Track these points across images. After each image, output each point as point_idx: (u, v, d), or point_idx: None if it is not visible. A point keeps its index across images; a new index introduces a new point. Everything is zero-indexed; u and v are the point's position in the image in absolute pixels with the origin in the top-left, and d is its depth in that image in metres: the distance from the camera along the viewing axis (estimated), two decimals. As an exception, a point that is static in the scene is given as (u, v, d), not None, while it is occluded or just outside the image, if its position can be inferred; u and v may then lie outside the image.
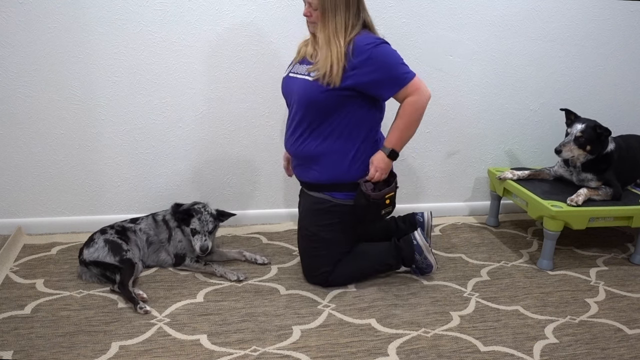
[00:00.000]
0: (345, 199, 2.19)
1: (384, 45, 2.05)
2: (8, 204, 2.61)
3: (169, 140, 2.67)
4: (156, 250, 2.38)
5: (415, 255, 2.32)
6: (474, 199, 3.18)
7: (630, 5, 2.96)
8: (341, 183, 2.18)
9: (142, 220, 2.41)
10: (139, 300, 2.08)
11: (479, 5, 2.79)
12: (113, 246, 2.23)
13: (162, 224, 2.39)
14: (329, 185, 2.20)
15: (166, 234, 2.37)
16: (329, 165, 2.17)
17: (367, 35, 2.06)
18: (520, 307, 2.21)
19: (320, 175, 2.19)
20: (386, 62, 2.04)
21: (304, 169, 2.25)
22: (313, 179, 2.22)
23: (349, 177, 2.17)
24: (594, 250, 2.76)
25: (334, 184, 2.19)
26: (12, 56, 2.40)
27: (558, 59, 2.98)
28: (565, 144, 2.59)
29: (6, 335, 1.88)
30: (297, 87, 2.15)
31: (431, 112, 2.89)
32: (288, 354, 1.85)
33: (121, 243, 2.26)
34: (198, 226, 2.30)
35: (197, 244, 2.29)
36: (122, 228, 2.35)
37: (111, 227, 2.35)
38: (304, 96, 2.11)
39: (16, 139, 2.52)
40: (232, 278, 2.30)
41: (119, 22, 2.45)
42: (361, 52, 2.01)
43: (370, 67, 2.02)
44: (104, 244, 2.23)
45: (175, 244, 2.36)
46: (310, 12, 2.06)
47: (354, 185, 2.17)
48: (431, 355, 1.88)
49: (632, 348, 1.98)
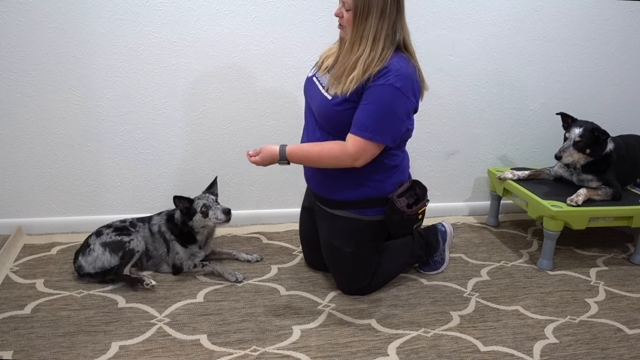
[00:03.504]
0: (376, 215, 2.10)
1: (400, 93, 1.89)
2: (8, 204, 2.61)
3: (169, 140, 2.67)
4: (156, 264, 2.34)
5: (440, 243, 2.39)
6: (474, 199, 3.18)
7: (630, 5, 2.96)
8: (372, 199, 2.09)
9: (139, 228, 2.32)
10: (142, 277, 2.16)
11: (479, 5, 2.79)
12: (113, 246, 2.20)
13: (159, 236, 2.32)
14: (357, 202, 2.09)
15: (164, 247, 2.33)
16: (359, 182, 2.06)
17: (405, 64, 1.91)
18: (520, 307, 2.21)
19: (351, 193, 2.07)
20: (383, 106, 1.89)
21: (327, 185, 2.13)
22: (342, 197, 2.09)
23: (381, 192, 2.08)
24: (594, 250, 2.76)
25: (363, 200, 2.09)
26: (12, 56, 2.40)
27: (558, 59, 2.99)
28: (565, 149, 2.58)
29: (6, 335, 1.88)
30: (317, 101, 2.05)
31: (431, 112, 2.91)
32: (288, 354, 1.85)
33: (121, 237, 2.21)
34: (205, 201, 2.25)
35: (216, 213, 2.22)
36: (121, 227, 2.30)
37: (108, 227, 2.29)
38: (324, 114, 2.02)
39: (16, 139, 2.52)
40: (230, 279, 2.29)
41: (119, 22, 2.45)
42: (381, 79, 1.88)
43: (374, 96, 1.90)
44: (103, 249, 2.19)
45: (173, 256, 2.32)
46: (342, 12, 1.93)
47: (385, 200, 2.07)
48: (431, 355, 1.88)
49: (632, 348, 1.98)
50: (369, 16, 1.89)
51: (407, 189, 2.09)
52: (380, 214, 2.10)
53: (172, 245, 2.32)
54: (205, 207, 2.24)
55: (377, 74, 1.89)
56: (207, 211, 2.24)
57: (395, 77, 1.88)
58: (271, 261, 2.51)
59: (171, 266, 2.33)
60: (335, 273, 2.28)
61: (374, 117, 1.90)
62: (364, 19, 1.89)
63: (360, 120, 1.92)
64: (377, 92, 1.89)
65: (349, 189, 2.08)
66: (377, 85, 1.89)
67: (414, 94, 1.95)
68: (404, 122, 1.97)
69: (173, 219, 2.34)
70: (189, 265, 2.32)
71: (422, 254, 2.40)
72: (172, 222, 2.34)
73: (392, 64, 1.90)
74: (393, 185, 2.10)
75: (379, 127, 1.91)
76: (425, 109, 2.90)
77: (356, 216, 2.11)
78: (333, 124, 2.01)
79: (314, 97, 2.09)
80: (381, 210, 2.09)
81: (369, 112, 1.91)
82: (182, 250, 2.32)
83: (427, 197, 2.11)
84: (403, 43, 1.97)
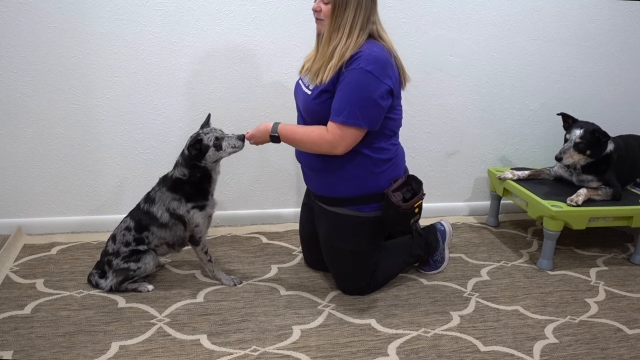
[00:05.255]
0: (372, 211, 2.11)
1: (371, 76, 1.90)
2: (8, 204, 2.61)
3: (169, 140, 2.67)
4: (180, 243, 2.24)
5: (439, 243, 2.39)
6: (474, 199, 3.18)
7: (630, 5, 2.96)
8: (368, 195, 2.09)
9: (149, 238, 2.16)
10: (139, 288, 2.17)
11: (479, 5, 2.79)
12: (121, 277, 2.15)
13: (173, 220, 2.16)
14: (354, 199, 2.09)
15: (181, 226, 2.17)
16: (352, 178, 2.07)
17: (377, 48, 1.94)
18: (520, 307, 2.21)
19: (346, 189, 2.08)
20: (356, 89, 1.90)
21: (323, 183, 2.14)
22: (339, 193, 2.10)
23: (376, 188, 2.08)
24: (594, 250, 2.76)
25: (360, 197, 2.09)
26: (12, 56, 2.40)
27: (558, 59, 2.99)
28: (565, 150, 2.58)
29: (6, 335, 1.88)
30: (301, 100, 2.10)
31: (431, 112, 2.91)
32: (288, 354, 1.85)
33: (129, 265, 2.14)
34: (215, 134, 2.10)
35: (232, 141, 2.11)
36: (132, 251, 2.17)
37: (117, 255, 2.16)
38: (306, 110, 2.06)
39: (16, 139, 2.52)
40: (229, 284, 2.27)
41: (119, 22, 2.45)
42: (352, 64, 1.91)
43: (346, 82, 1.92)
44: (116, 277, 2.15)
45: (191, 229, 2.18)
46: (320, 6, 1.97)
47: (381, 196, 2.08)
48: (431, 355, 1.88)
49: (632, 348, 1.98)
50: (347, 7, 1.93)
51: (402, 184, 2.09)
52: (377, 210, 2.10)
53: (189, 217, 2.15)
54: (217, 139, 2.10)
55: (350, 60, 1.92)
56: (220, 143, 2.11)
57: (365, 61, 1.90)
58: (271, 261, 2.51)
59: (188, 238, 2.21)
60: (335, 272, 2.28)
61: (347, 100, 1.92)
62: (342, 10, 1.94)
63: (335, 106, 1.94)
64: (349, 77, 1.91)
65: (344, 185, 2.09)
66: (349, 70, 1.91)
67: (389, 77, 1.95)
68: (380, 106, 1.95)
69: (180, 182, 2.15)
70: (204, 243, 2.21)
71: (422, 254, 2.40)
72: (179, 185, 2.16)
73: (364, 49, 1.93)
74: (388, 180, 2.10)
75: (353, 110, 1.91)
76: (425, 108, 2.92)
77: (354, 213, 2.11)
78: (317, 119, 2.03)
79: (299, 97, 2.14)
80: (378, 206, 2.09)
81: (342, 97, 1.93)
82: (201, 217, 2.17)
83: (423, 191, 2.12)
84: (377, 34, 2.01)
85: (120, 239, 2.17)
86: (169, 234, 2.18)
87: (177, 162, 2.19)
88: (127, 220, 2.21)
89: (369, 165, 2.07)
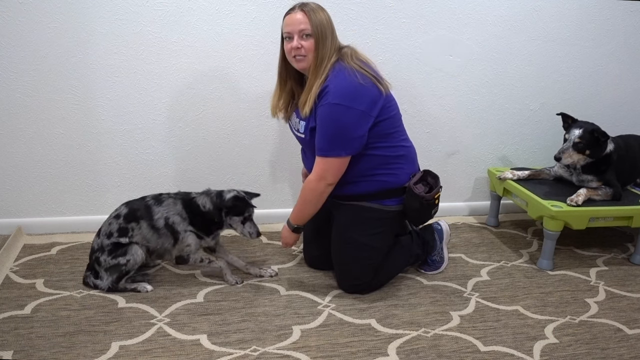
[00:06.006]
0: (395, 205, 2.19)
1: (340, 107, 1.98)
2: (8, 204, 2.61)
3: (169, 140, 2.67)
4: (160, 255, 2.25)
5: (437, 242, 2.42)
6: (474, 199, 3.18)
7: (630, 5, 2.96)
8: (390, 190, 2.18)
9: (134, 231, 2.15)
10: (138, 288, 2.17)
11: (479, 5, 2.79)
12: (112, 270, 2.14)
13: (165, 230, 2.17)
14: (376, 194, 2.17)
15: (171, 240, 2.19)
16: (372, 176, 2.15)
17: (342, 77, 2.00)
18: (520, 307, 2.21)
19: (370, 185, 2.16)
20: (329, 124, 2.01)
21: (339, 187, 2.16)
22: (361, 190, 2.17)
23: (396, 183, 2.18)
24: (594, 250, 2.76)
25: (381, 191, 2.17)
26: (12, 56, 2.40)
27: (558, 59, 2.99)
28: (564, 150, 2.58)
29: (6, 335, 1.88)
30: (300, 141, 2.24)
31: (431, 112, 2.91)
32: (288, 354, 1.85)
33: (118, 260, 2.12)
34: (250, 213, 2.23)
35: (252, 230, 2.22)
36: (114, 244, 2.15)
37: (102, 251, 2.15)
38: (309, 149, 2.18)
39: (16, 139, 2.52)
40: (231, 282, 2.27)
41: (119, 22, 2.45)
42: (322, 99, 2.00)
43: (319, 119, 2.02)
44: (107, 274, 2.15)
45: (181, 247, 2.20)
46: (301, 43, 2.00)
47: (402, 190, 2.18)
48: (431, 355, 1.88)
49: (632, 348, 1.98)
50: (327, 36, 2.02)
51: (420, 178, 2.20)
52: (398, 204, 2.19)
53: (183, 237, 2.19)
54: (249, 216, 2.23)
55: (319, 95, 2.02)
56: (247, 221, 2.23)
57: (332, 96, 1.98)
58: (271, 261, 2.51)
59: (174, 257, 2.23)
60: (341, 267, 2.27)
61: (323, 135, 2.03)
62: (324, 41, 2.01)
63: (316, 143, 2.06)
64: (320, 113, 2.02)
65: (363, 185, 2.16)
66: (320, 107, 2.01)
67: (358, 101, 2.00)
68: (355, 132, 2.03)
69: (194, 207, 2.19)
70: (195, 259, 2.23)
71: (420, 253, 2.41)
72: (193, 210, 2.19)
73: (330, 82, 2.00)
74: (407, 175, 2.20)
75: (330, 144, 2.03)
76: (425, 108, 2.92)
77: (377, 206, 2.18)
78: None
79: (296, 138, 2.27)
80: (399, 200, 2.19)
81: (319, 133, 2.04)
82: (195, 242, 2.21)
83: (440, 184, 2.23)
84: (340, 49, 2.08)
85: (104, 230, 2.17)
86: (155, 238, 2.18)
87: (206, 192, 2.24)
88: (121, 208, 2.20)
89: (387, 163, 2.15)
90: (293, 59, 2.06)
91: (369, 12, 2.66)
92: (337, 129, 2.01)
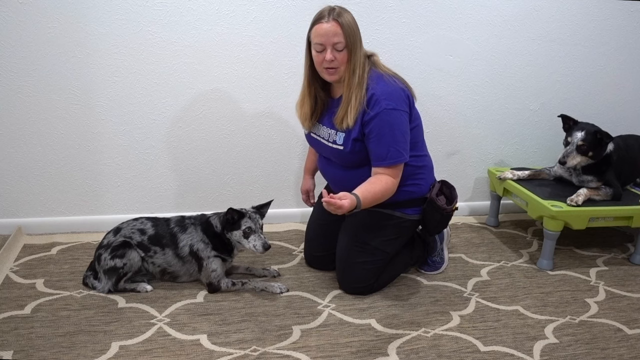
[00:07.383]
0: (415, 214, 2.23)
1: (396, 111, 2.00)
2: (8, 204, 2.61)
3: (169, 140, 2.67)
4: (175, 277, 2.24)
5: (437, 243, 2.42)
6: (474, 199, 3.18)
7: (630, 5, 2.96)
8: (413, 200, 2.21)
9: (157, 254, 2.18)
10: (137, 289, 2.17)
11: (479, 5, 2.79)
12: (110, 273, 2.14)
13: (190, 257, 2.19)
14: (402, 202, 2.19)
15: (195, 266, 2.20)
16: (403, 187, 2.14)
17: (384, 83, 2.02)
18: (520, 307, 2.21)
19: (397, 195, 2.12)
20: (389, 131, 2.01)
21: None
22: (390, 200, 2.12)
23: (419, 193, 2.21)
24: (594, 250, 2.76)
25: (407, 201, 2.20)
26: (12, 56, 2.40)
27: (558, 59, 2.98)
28: (569, 154, 2.58)
29: (6, 335, 1.88)
30: (329, 151, 2.18)
31: (431, 112, 2.91)
32: (288, 354, 1.85)
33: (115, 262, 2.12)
34: (252, 224, 2.13)
35: (257, 243, 2.12)
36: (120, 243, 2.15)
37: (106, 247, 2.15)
38: (342, 161, 2.16)
39: (16, 139, 2.52)
40: (275, 291, 2.23)
41: (119, 22, 2.45)
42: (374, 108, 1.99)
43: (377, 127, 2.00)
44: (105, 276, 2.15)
45: (207, 274, 2.18)
46: (335, 55, 1.97)
47: (422, 200, 2.22)
48: (431, 355, 1.88)
49: (632, 348, 1.98)
50: (357, 46, 2.00)
51: (439, 189, 2.23)
52: (418, 213, 2.23)
53: (207, 263, 2.18)
54: (249, 229, 2.13)
55: (368, 104, 2.00)
56: (249, 234, 2.14)
57: (384, 101, 1.99)
58: (271, 261, 2.51)
59: (207, 285, 2.20)
60: (345, 269, 2.25)
61: (385, 144, 2.01)
62: (356, 51, 2.00)
63: (377, 153, 2.03)
64: (376, 123, 2.00)
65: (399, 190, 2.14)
66: (374, 117, 1.99)
67: (404, 102, 2.05)
68: (408, 132, 2.07)
69: (211, 229, 2.20)
70: (227, 284, 2.20)
71: (421, 254, 2.42)
72: (210, 232, 2.20)
73: (374, 89, 2.01)
74: (428, 185, 2.24)
75: (394, 150, 2.02)
76: (425, 108, 2.91)
77: (398, 214, 2.20)
78: (354, 164, 2.14)
79: (323, 149, 2.22)
80: (419, 209, 2.23)
81: (380, 142, 2.02)
82: (221, 266, 2.20)
83: (456, 194, 2.25)
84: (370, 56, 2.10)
85: (126, 233, 2.18)
86: (179, 265, 2.21)
87: (218, 213, 2.25)
88: (146, 223, 2.21)
89: (412, 174, 2.17)
90: (324, 71, 2.04)
91: (369, 12, 2.66)
92: (396, 132, 2.02)
